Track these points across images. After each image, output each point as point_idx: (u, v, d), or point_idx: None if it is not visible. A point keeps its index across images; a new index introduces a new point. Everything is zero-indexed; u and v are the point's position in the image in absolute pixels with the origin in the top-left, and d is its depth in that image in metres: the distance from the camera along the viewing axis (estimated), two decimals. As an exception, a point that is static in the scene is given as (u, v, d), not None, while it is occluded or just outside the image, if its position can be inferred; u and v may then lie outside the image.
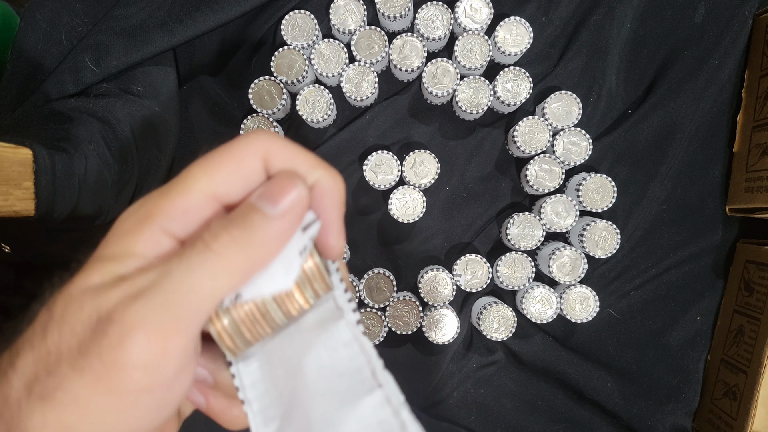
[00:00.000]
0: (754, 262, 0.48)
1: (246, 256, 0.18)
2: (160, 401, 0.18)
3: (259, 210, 0.19)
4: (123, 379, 0.17)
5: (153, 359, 0.17)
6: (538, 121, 0.48)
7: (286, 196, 0.19)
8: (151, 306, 0.17)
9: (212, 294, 0.18)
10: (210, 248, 0.18)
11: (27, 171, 0.34)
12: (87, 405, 0.17)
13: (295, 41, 0.48)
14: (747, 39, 0.50)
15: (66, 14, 0.43)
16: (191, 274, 0.18)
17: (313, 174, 0.20)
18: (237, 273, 0.18)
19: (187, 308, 0.18)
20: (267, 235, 0.19)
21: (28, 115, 0.42)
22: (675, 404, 0.51)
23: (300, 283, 0.20)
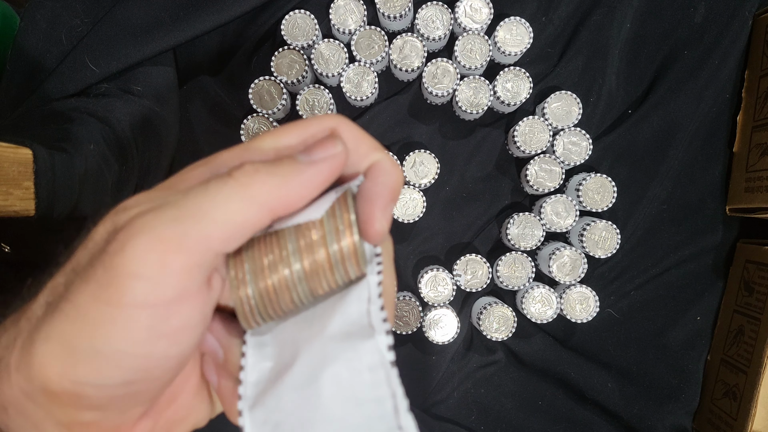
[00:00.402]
0: (754, 262, 0.48)
1: (266, 189, 0.18)
2: (157, 324, 0.17)
3: (292, 156, 0.19)
4: (120, 287, 0.17)
5: (150, 270, 0.17)
6: (538, 121, 0.48)
7: (321, 148, 0.19)
8: (160, 218, 0.17)
9: (225, 220, 0.17)
10: (233, 176, 0.18)
11: (27, 171, 0.34)
12: (86, 316, 0.17)
13: (295, 41, 0.48)
14: (747, 39, 0.50)
15: (66, 14, 0.43)
16: (207, 195, 0.17)
17: (376, 155, 0.21)
18: (254, 204, 0.18)
19: (196, 227, 0.17)
20: (293, 177, 0.18)
21: (28, 115, 0.42)
22: (675, 404, 0.51)
23: (333, 260, 0.19)
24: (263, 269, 0.19)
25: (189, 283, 0.17)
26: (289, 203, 0.19)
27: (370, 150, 0.21)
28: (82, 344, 0.17)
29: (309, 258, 0.19)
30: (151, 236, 0.17)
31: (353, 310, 0.19)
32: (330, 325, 0.19)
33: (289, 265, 0.19)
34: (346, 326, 0.19)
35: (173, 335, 0.18)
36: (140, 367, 0.18)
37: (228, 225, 0.17)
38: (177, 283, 0.17)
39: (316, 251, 0.19)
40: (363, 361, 0.18)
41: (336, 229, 0.19)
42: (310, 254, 0.19)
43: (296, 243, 0.19)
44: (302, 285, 0.19)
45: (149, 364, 0.18)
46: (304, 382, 0.18)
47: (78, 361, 0.17)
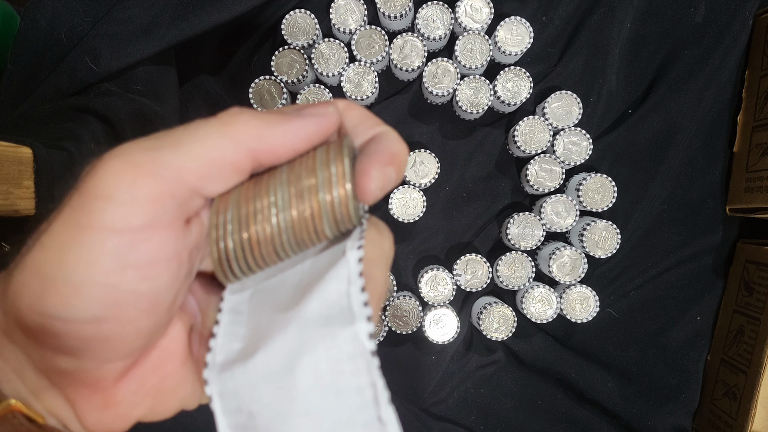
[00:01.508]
0: (754, 262, 0.48)
1: (248, 130, 0.18)
2: (125, 252, 0.17)
3: (281, 108, 0.19)
4: (89, 210, 0.16)
5: (119, 192, 0.16)
6: (539, 120, 0.48)
7: (312, 107, 0.19)
8: (136, 145, 0.17)
9: (202, 153, 0.17)
10: (217, 117, 0.18)
11: (27, 170, 0.34)
12: (55, 240, 0.17)
13: (296, 41, 0.48)
14: (747, 39, 0.50)
15: (66, 14, 0.43)
16: (188, 130, 0.18)
17: (380, 128, 0.21)
18: (234, 141, 0.18)
19: (171, 157, 0.17)
20: (278, 123, 0.18)
21: (28, 115, 0.42)
22: (675, 404, 0.51)
23: (323, 208, 0.18)
24: (248, 216, 0.18)
25: (159, 211, 0.17)
26: (271, 148, 0.18)
27: (376, 124, 0.21)
28: (50, 271, 0.17)
29: (299, 206, 0.18)
30: (124, 160, 0.17)
31: (332, 289, 0.18)
32: (308, 306, 0.18)
33: (276, 213, 0.18)
34: (325, 308, 0.18)
35: (142, 267, 0.17)
36: (108, 301, 0.17)
37: (204, 159, 0.17)
38: (146, 209, 0.17)
39: (307, 199, 0.18)
40: (342, 349, 0.17)
41: (329, 177, 0.18)
42: (300, 202, 0.18)
43: (286, 189, 0.18)
44: (288, 234, 0.18)
45: (118, 299, 0.17)
46: (280, 371, 0.17)
47: (46, 290, 0.17)
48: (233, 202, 0.19)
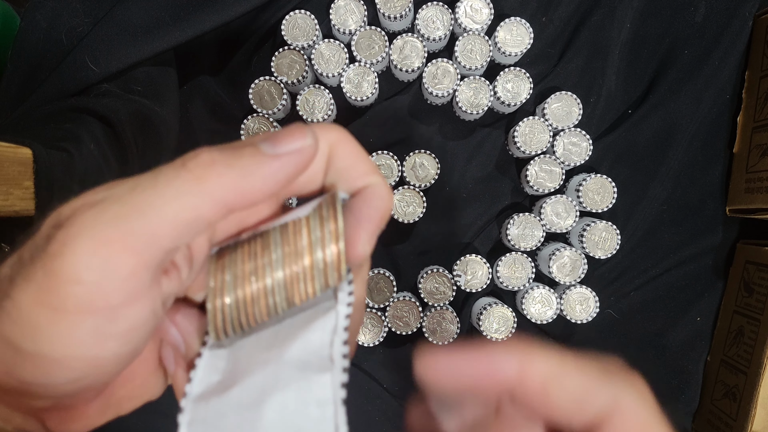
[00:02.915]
0: (754, 263, 0.48)
1: (223, 183, 0.16)
2: (105, 330, 0.16)
3: (255, 145, 0.17)
4: (61, 293, 0.15)
5: (94, 275, 0.15)
6: (538, 121, 0.48)
7: (288, 138, 0.17)
8: (103, 215, 0.16)
9: (176, 216, 0.16)
10: (185, 166, 0.16)
11: (27, 170, 0.34)
12: (28, 318, 0.16)
13: (296, 41, 0.48)
14: (747, 39, 0.50)
15: (66, 14, 0.43)
16: (156, 187, 0.16)
17: (371, 178, 0.20)
18: (209, 199, 0.16)
19: (143, 225, 0.16)
20: (253, 170, 0.16)
21: (28, 115, 0.42)
22: (675, 405, 0.51)
23: (316, 269, 0.18)
24: (244, 276, 0.18)
25: (136, 284, 0.16)
26: (248, 199, 0.17)
27: (368, 172, 0.20)
28: (26, 347, 0.16)
29: (292, 266, 0.18)
30: (93, 237, 0.15)
31: (316, 338, 0.18)
32: (289, 349, 0.18)
33: (271, 272, 0.18)
34: (305, 354, 0.18)
35: (122, 336, 0.17)
36: (89, 367, 0.17)
37: (179, 221, 0.16)
38: (124, 286, 0.16)
39: (300, 259, 0.18)
40: (313, 393, 0.17)
41: (322, 237, 0.18)
42: (293, 262, 0.18)
43: (281, 249, 0.18)
44: (281, 293, 0.19)
45: (98, 363, 0.17)
46: (250, 403, 0.18)
47: (23, 362, 0.16)
48: (230, 264, 0.19)
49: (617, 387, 0.15)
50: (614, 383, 0.15)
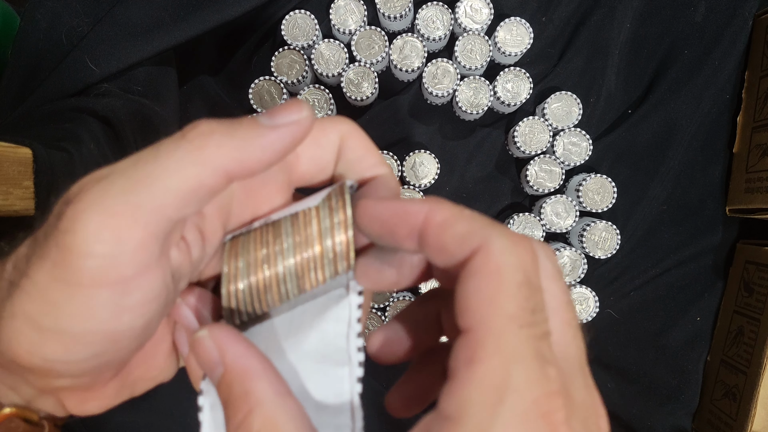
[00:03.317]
0: (754, 263, 0.48)
1: (222, 152, 0.17)
2: (120, 302, 0.17)
3: (253, 118, 0.18)
4: (75, 267, 0.16)
5: (105, 248, 0.16)
6: (538, 121, 0.48)
7: (285, 111, 0.18)
8: (110, 189, 0.16)
9: (179, 186, 0.16)
10: (185, 137, 0.17)
11: (27, 170, 0.34)
12: (46, 295, 0.16)
13: (295, 41, 0.48)
14: (747, 39, 0.50)
15: (66, 14, 0.43)
16: (158, 159, 0.16)
17: (380, 169, 0.21)
18: (209, 167, 0.17)
19: (150, 197, 0.16)
20: (251, 140, 0.17)
21: (28, 115, 0.42)
22: (675, 404, 0.51)
23: (326, 257, 0.19)
24: (257, 263, 0.19)
25: (147, 256, 0.17)
26: (247, 168, 0.17)
27: (377, 163, 0.21)
28: (47, 324, 0.17)
29: (303, 253, 0.19)
30: (102, 211, 0.16)
31: (331, 329, 0.19)
32: (306, 340, 0.19)
33: (282, 260, 0.19)
34: (322, 346, 0.19)
35: (137, 308, 0.17)
36: (107, 341, 0.17)
37: (182, 191, 0.16)
38: (134, 258, 0.16)
39: (311, 246, 0.19)
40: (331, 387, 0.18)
41: (332, 226, 0.19)
42: (304, 250, 0.19)
43: (292, 238, 0.19)
44: (292, 280, 0.19)
45: (116, 337, 0.18)
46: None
47: (45, 340, 0.17)
48: (243, 252, 0.19)
49: (493, 233, 0.16)
50: (492, 230, 0.16)
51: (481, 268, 0.16)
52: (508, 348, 0.15)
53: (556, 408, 0.15)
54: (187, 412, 0.48)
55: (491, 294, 0.15)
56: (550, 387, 0.15)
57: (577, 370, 0.17)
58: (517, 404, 0.14)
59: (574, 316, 0.18)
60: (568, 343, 0.17)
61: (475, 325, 0.15)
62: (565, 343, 0.17)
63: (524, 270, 0.16)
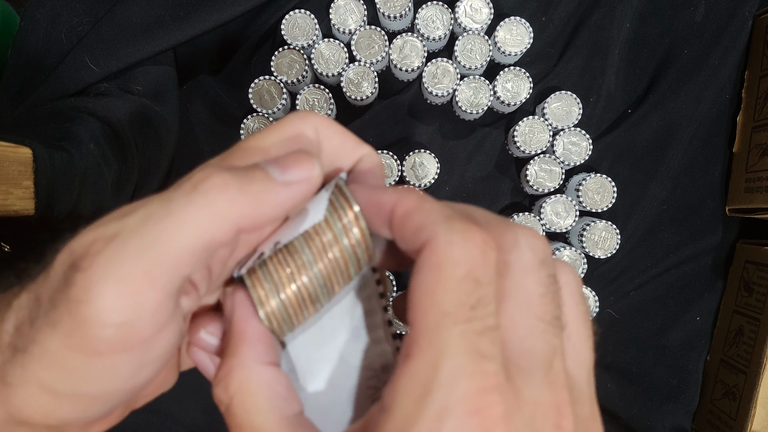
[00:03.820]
0: (754, 263, 0.48)
1: (235, 208, 0.16)
2: (140, 361, 0.17)
3: (264, 170, 0.17)
4: (93, 337, 0.15)
5: (124, 316, 0.15)
6: (538, 121, 0.48)
7: (297, 167, 0.18)
8: (122, 252, 0.15)
9: (194, 243, 0.16)
10: (197, 189, 0.16)
11: (27, 170, 0.34)
12: (61, 363, 0.16)
13: (295, 41, 0.48)
14: (747, 39, 0.50)
15: (66, 14, 0.43)
16: (171, 215, 0.16)
17: (361, 149, 0.21)
18: (223, 223, 0.16)
19: (164, 258, 0.16)
20: (264, 196, 0.17)
21: (28, 114, 0.42)
22: (675, 404, 0.51)
23: (347, 254, 0.19)
24: (282, 281, 0.19)
25: (165, 315, 0.17)
26: (258, 224, 0.17)
27: (356, 144, 0.21)
28: (64, 389, 0.16)
29: (325, 258, 0.19)
30: (118, 279, 0.15)
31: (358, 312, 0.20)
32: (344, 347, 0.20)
33: (307, 271, 0.19)
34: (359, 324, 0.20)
35: (156, 361, 0.17)
36: (127, 395, 0.18)
37: (196, 248, 0.16)
38: (153, 320, 0.16)
39: (330, 251, 0.19)
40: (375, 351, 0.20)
41: (343, 225, 0.19)
42: (325, 255, 0.19)
43: (309, 250, 0.19)
44: (321, 286, 0.19)
45: (136, 387, 0.18)
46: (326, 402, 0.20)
47: (62, 404, 0.17)
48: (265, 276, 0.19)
49: (442, 227, 0.16)
50: (442, 224, 0.16)
51: (425, 263, 0.16)
52: (439, 344, 0.15)
53: (490, 404, 0.15)
54: (187, 412, 0.49)
55: (430, 290, 0.15)
56: (484, 383, 0.15)
57: (538, 366, 0.16)
58: (442, 399, 0.14)
59: (548, 310, 0.17)
60: (535, 338, 0.17)
61: (415, 320, 0.15)
62: (529, 338, 0.17)
63: (467, 264, 0.15)
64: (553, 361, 0.17)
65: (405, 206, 0.17)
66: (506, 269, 0.17)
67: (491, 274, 0.16)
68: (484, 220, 0.18)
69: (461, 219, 0.16)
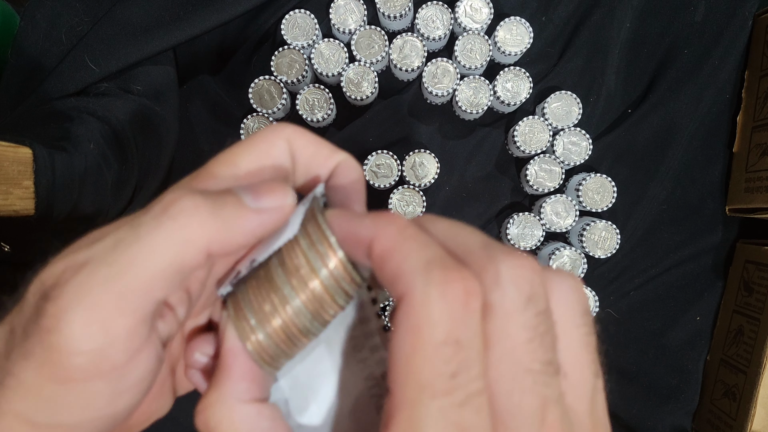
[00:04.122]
0: (754, 263, 0.48)
1: (206, 233, 0.16)
2: (116, 388, 0.17)
3: (236, 195, 0.17)
4: (65, 365, 0.15)
5: (95, 343, 0.15)
6: (538, 121, 0.48)
7: (269, 195, 0.18)
8: (91, 280, 0.15)
9: (164, 267, 0.16)
10: (166, 213, 0.16)
11: (27, 170, 0.34)
12: (37, 393, 0.16)
13: (295, 41, 0.48)
14: (747, 39, 0.50)
15: (66, 13, 0.43)
16: (140, 240, 0.16)
17: (337, 156, 0.20)
18: (194, 247, 0.16)
19: (134, 284, 0.16)
20: (235, 222, 0.17)
21: (28, 114, 0.42)
22: (674, 404, 0.51)
23: (328, 286, 0.18)
24: (266, 316, 0.19)
25: (137, 340, 0.16)
26: (228, 249, 0.17)
27: (331, 152, 0.20)
28: (42, 420, 0.16)
29: (305, 292, 0.18)
30: (88, 306, 0.15)
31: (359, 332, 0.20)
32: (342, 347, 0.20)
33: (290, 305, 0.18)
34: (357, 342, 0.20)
35: (134, 387, 0.17)
36: (107, 423, 0.17)
37: (166, 273, 0.16)
38: (125, 346, 0.16)
39: (309, 283, 0.18)
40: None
41: (318, 253, 0.18)
42: (305, 288, 0.18)
43: (288, 284, 0.18)
44: (308, 318, 0.19)
45: (116, 416, 0.18)
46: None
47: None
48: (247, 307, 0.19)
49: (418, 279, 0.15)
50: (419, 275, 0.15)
51: (401, 323, 0.14)
52: (416, 421, 0.14)
53: None
54: (188, 413, 0.48)
55: (407, 357, 0.14)
56: None
57: (528, 424, 0.15)
58: None
59: (536, 357, 0.15)
60: (523, 392, 0.15)
61: (393, 389, 0.14)
62: (517, 393, 0.15)
63: (446, 325, 0.14)
64: (546, 413, 0.15)
65: (382, 245, 0.16)
66: (488, 313, 0.15)
67: (474, 328, 0.15)
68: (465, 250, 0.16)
69: (440, 265, 0.15)
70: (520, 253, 0.16)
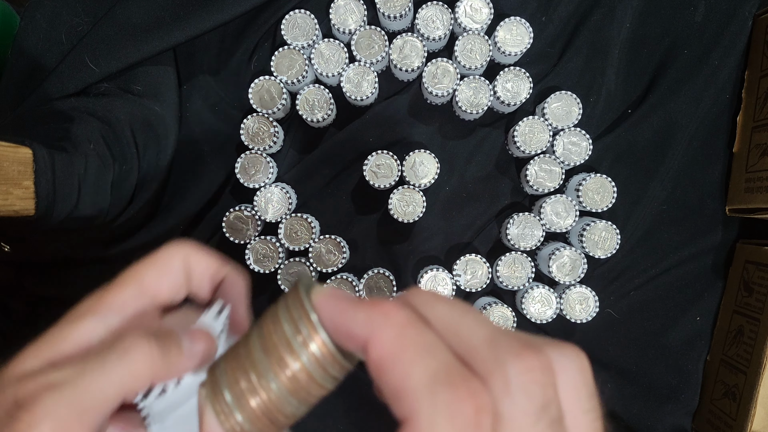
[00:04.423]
0: (754, 263, 0.48)
1: (152, 369, 0.21)
2: None
3: (179, 345, 0.22)
4: None
5: None
6: (538, 121, 0.48)
7: (203, 343, 0.23)
8: (60, 399, 0.19)
9: (118, 393, 0.20)
10: (128, 355, 0.20)
11: (27, 170, 0.34)
12: None
13: (295, 41, 0.48)
14: (747, 39, 0.50)
15: (66, 14, 0.44)
16: (104, 374, 0.20)
17: (224, 269, 0.25)
18: (142, 380, 0.21)
19: (93, 404, 0.20)
20: (174, 362, 0.22)
21: (28, 115, 0.42)
22: (674, 404, 0.51)
23: (310, 368, 0.18)
24: (244, 396, 0.19)
25: None
26: (164, 379, 0.22)
27: (220, 266, 0.25)
28: None
29: (286, 373, 0.18)
30: (55, 421, 0.19)
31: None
32: None
33: (269, 388, 0.19)
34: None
35: None
36: None
37: (119, 396, 0.20)
38: None
39: (291, 364, 0.18)
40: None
41: (300, 335, 0.18)
42: (285, 369, 0.18)
43: (267, 362, 0.19)
44: (290, 399, 0.19)
45: None
46: None
47: None
48: (226, 387, 0.20)
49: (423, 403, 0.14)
50: (423, 398, 0.14)
51: None
52: None
53: None
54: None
55: None
56: None
57: None
58: None
59: None
60: None
61: None
62: None
63: None
64: None
65: (380, 350, 0.15)
66: (499, 424, 0.14)
67: None
68: (469, 346, 0.15)
69: (446, 380, 0.14)
70: (528, 350, 0.15)
